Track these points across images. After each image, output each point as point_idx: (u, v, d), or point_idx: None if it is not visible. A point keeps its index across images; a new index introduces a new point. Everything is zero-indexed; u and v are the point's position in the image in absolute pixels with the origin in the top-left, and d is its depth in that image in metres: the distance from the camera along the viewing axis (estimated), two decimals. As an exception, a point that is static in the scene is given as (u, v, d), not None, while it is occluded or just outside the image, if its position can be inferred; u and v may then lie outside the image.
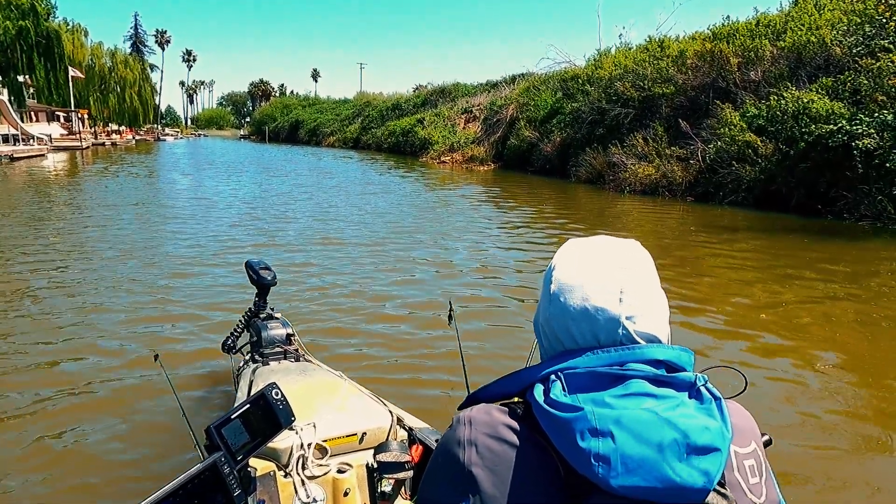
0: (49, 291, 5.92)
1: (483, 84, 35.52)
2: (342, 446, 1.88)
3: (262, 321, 2.82)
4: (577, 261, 0.82)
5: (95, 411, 3.46)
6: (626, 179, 15.07)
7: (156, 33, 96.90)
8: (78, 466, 2.93)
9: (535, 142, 21.85)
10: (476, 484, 0.74)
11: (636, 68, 18.05)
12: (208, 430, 1.14)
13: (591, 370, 0.74)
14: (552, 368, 0.76)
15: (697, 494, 0.66)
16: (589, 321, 0.77)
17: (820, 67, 12.83)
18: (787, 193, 11.51)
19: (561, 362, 0.76)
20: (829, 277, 6.79)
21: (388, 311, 5.39)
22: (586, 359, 0.75)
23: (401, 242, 8.64)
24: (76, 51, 47.97)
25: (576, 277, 0.80)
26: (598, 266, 0.80)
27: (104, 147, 44.06)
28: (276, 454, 1.78)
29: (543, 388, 0.75)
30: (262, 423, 1.23)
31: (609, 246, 0.84)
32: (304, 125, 56.61)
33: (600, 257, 0.81)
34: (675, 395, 0.71)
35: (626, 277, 0.79)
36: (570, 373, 0.74)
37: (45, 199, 13.72)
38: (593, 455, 0.67)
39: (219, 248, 8.11)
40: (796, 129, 11.45)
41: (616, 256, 0.81)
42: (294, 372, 2.33)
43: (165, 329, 4.82)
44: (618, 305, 0.76)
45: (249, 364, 2.59)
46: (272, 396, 1.26)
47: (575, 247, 0.86)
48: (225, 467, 1.10)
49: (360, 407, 2.03)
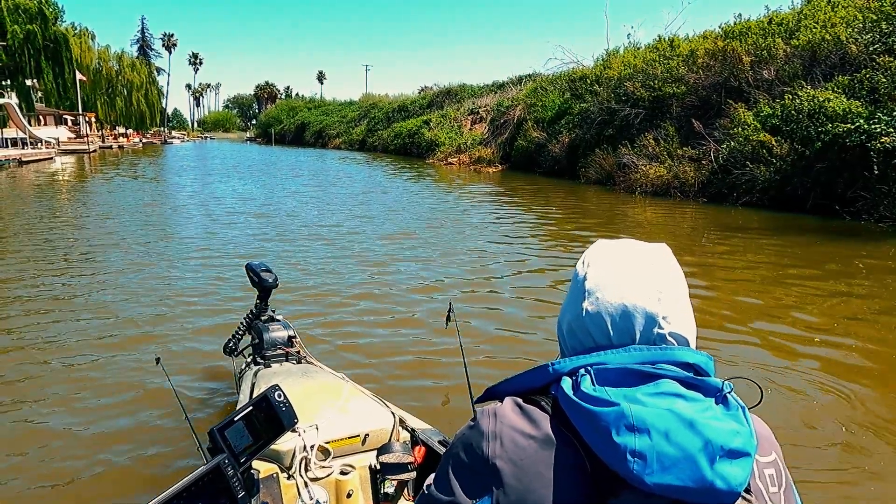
0: (50, 293, 5.89)
1: (489, 85, 35.41)
2: (345, 448, 1.88)
3: (264, 323, 2.82)
4: (614, 259, 0.83)
5: (98, 414, 3.44)
6: (637, 180, 14.89)
7: (162, 36, 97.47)
8: (81, 469, 2.90)
9: (543, 143, 21.68)
10: (500, 477, 0.72)
11: (646, 68, 17.87)
12: (211, 433, 1.13)
13: (622, 367, 0.74)
14: (581, 363, 0.76)
15: (728, 497, 0.67)
16: (626, 318, 0.77)
17: (835, 66, 12.61)
18: (802, 194, 11.31)
19: (590, 357, 0.76)
20: (849, 279, 6.63)
21: (390, 313, 5.35)
22: (619, 355, 0.75)
23: (404, 244, 8.55)
24: (83, 54, 48.18)
25: (614, 275, 0.80)
26: (636, 266, 0.81)
27: (111, 150, 44.19)
28: (279, 456, 1.79)
29: (572, 381, 0.74)
30: (265, 425, 1.22)
31: (643, 248, 0.85)
32: (309, 127, 56.66)
33: (636, 258, 0.82)
34: (703, 399, 0.72)
35: (662, 279, 0.80)
36: (600, 368, 0.74)
37: (51, 202, 13.68)
38: (629, 451, 0.66)
39: (221, 251, 8.07)
40: (812, 129, 11.25)
41: (651, 258, 0.83)
42: (296, 374, 2.33)
43: (167, 332, 4.78)
44: (656, 304, 0.77)
45: (251, 366, 2.58)
46: (275, 398, 1.25)
47: (609, 247, 0.87)
48: (229, 469, 1.10)
49: (362, 409, 2.03)
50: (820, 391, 3.79)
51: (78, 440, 3.16)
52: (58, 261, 7.37)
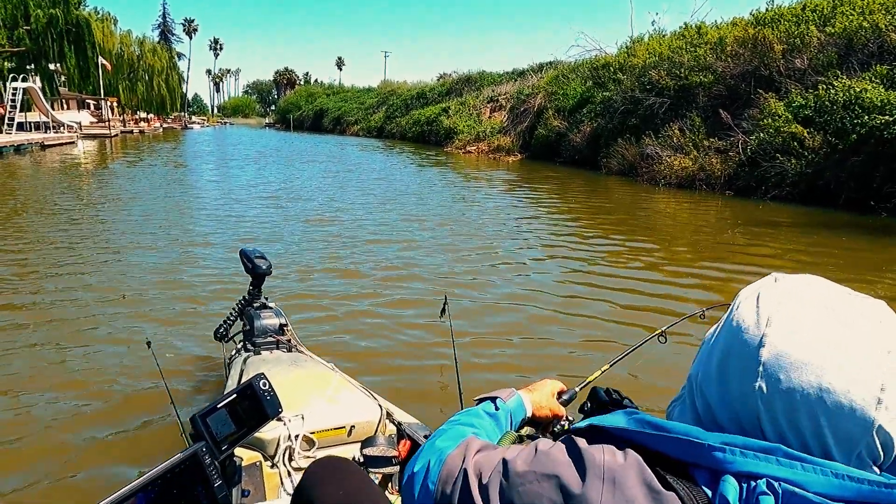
0: (46, 273, 5.97)
1: (509, 73, 34.89)
2: (330, 439, 1.88)
3: (256, 310, 2.80)
4: (812, 321, 0.57)
5: (84, 395, 3.42)
6: (661, 172, 14.52)
7: (184, 22, 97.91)
8: (62, 450, 2.88)
9: (563, 132, 21.29)
10: None
11: (672, 56, 17.38)
12: (193, 419, 1.12)
13: (828, 501, 0.51)
14: (764, 471, 0.53)
15: None
16: (827, 418, 0.54)
17: (873, 54, 12.09)
18: (835, 188, 10.89)
19: (780, 468, 0.53)
20: (888, 278, 6.31)
21: (385, 305, 5.26)
22: (824, 479, 0.52)
23: (407, 233, 8.42)
24: (105, 39, 48.38)
25: (811, 348, 0.55)
26: (848, 338, 0.55)
27: (132, 135, 44.54)
28: (263, 444, 1.79)
29: (740, 492, 0.53)
30: (249, 413, 1.20)
31: (856, 307, 0.58)
32: (328, 114, 56.56)
33: (848, 324, 0.56)
34: None
35: (888, 363, 0.54)
36: (793, 491, 0.52)
37: (71, 188, 13.74)
38: None
39: (220, 237, 8.08)
40: (847, 121, 10.81)
41: (871, 328, 0.56)
42: (285, 362, 2.32)
43: (159, 315, 4.77)
44: (874, 406, 0.53)
45: (241, 353, 2.57)
46: (260, 387, 1.23)
47: (799, 295, 0.60)
48: (206, 458, 1.09)
49: (350, 400, 2.02)
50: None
51: (60, 419, 3.15)
52: (55, 241, 7.46)
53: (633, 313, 5.06)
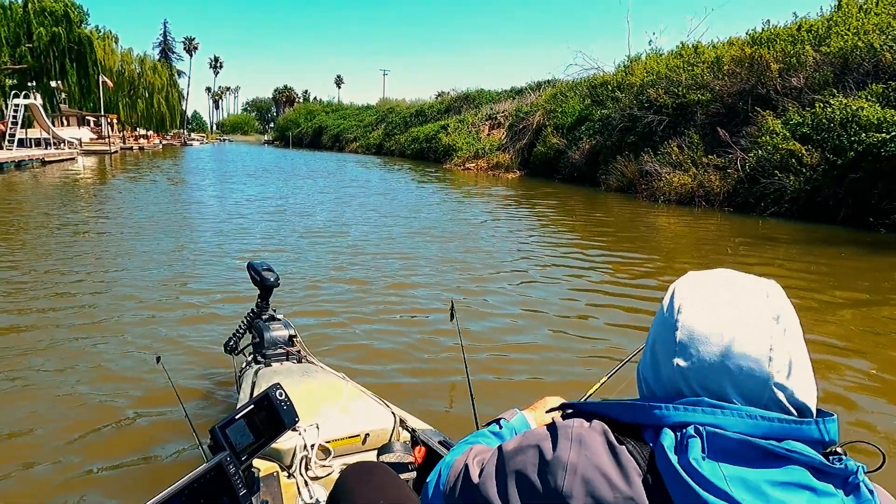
0: (53, 289, 5.91)
1: (507, 91, 35.26)
2: (345, 447, 1.89)
3: (265, 322, 2.82)
4: (711, 303, 0.69)
5: (98, 413, 3.38)
6: (660, 188, 14.62)
7: (184, 40, 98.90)
8: (81, 467, 2.85)
9: (562, 149, 21.46)
10: None
11: (669, 74, 17.60)
12: (213, 431, 1.14)
13: (744, 438, 0.61)
14: (691, 419, 0.64)
15: None
16: (730, 379, 0.65)
17: (868, 73, 12.27)
18: (834, 205, 10.98)
19: (704, 415, 0.64)
20: (885, 290, 6.35)
21: (392, 314, 5.29)
22: (741, 421, 0.63)
23: (410, 246, 8.46)
24: (107, 57, 48.85)
25: (711, 324, 0.67)
26: (740, 312, 0.67)
27: (132, 151, 44.69)
28: (279, 455, 1.80)
29: (675, 440, 0.63)
30: (266, 423, 1.22)
31: (748, 287, 0.71)
32: (327, 131, 56.95)
33: (740, 301, 0.68)
34: (834, 493, 0.61)
35: (774, 329, 0.66)
36: (715, 432, 0.62)
37: (72, 203, 13.75)
38: None
39: (225, 250, 8.08)
40: (845, 138, 10.93)
41: (759, 301, 0.68)
42: (296, 373, 2.33)
43: (168, 331, 4.75)
44: (766, 364, 0.64)
45: (252, 365, 2.59)
46: (276, 397, 1.25)
47: (704, 283, 0.73)
48: (230, 467, 1.10)
49: (362, 408, 2.04)
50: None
51: (76, 438, 3.13)
52: (60, 257, 7.43)
53: (633, 324, 5.11)
